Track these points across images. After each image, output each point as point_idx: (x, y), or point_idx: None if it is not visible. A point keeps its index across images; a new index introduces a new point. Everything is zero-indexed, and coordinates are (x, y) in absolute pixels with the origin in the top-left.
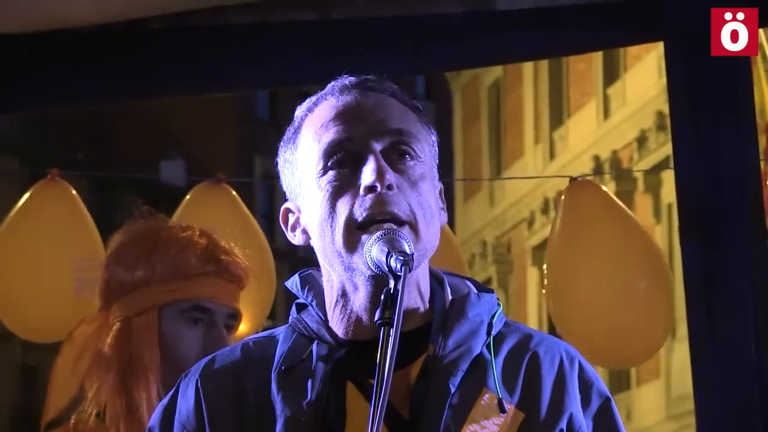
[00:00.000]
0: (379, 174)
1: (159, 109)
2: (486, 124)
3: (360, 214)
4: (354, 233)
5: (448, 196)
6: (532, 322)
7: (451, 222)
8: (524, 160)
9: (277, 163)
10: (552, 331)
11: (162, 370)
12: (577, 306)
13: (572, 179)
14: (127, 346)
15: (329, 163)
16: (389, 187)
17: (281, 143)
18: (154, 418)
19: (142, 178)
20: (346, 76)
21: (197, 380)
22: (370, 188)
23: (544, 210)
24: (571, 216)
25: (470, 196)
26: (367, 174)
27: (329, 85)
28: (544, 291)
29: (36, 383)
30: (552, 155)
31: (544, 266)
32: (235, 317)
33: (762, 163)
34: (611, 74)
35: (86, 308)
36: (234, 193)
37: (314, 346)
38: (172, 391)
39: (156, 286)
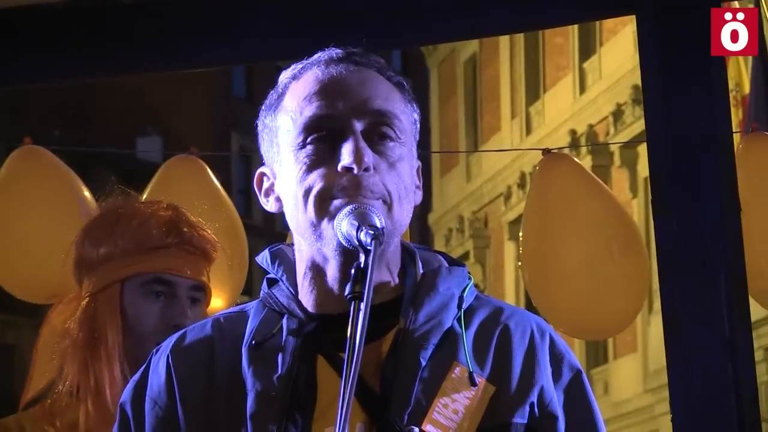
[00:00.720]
0: (357, 155)
1: (135, 86)
2: (462, 100)
3: (335, 192)
4: (326, 203)
5: (425, 172)
6: (510, 297)
7: (428, 197)
8: (501, 135)
9: (256, 126)
10: (529, 305)
11: (124, 344)
12: (552, 278)
13: (546, 152)
14: (92, 323)
15: (309, 137)
16: (366, 169)
17: (263, 107)
18: (126, 394)
19: (119, 155)
20: (333, 47)
21: (168, 356)
22: (348, 168)
23: (521, 185)
24: (545, 188)
25: (447, 171)
26: (346, 154)
27: (316, 55)
28: (520, 263)
29: (14, 361)
30: (528, 130)
31: (520, 238)
32: (200, 290)
33: (737, 136)
34: (587, 49)
35: None
36: (206, 167)
37: (284, 320)
38: (143, 367)
39: (118, 261)
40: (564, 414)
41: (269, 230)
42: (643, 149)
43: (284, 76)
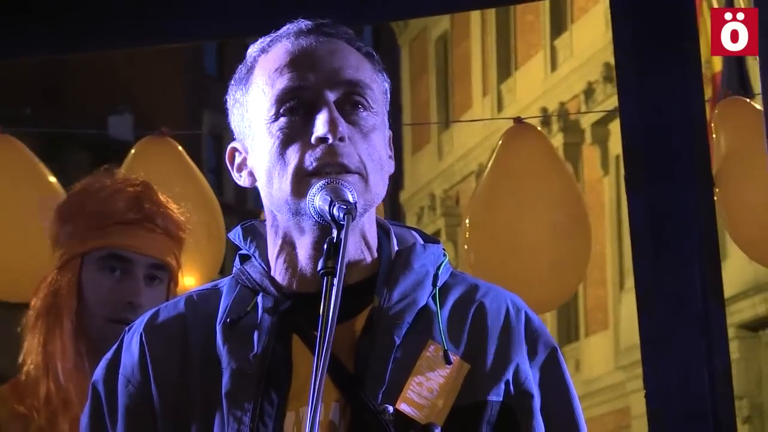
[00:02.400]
0: (332, 125)
1: (107, 63)
2: (434, 77)
3: (310, 164)
4: (303, 180)
5: (397, 149)
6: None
7: (399, 175)
8: (472, 113)
9: (226, 101)
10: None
11: (79, 319)
12: (495, 247)
13: (517, 120)
14: (53, 297)
15: (281, 110)
16: (341, 139)
17: (232, 81)
18: (98, 373)
19: (91, 134)
20: (300, 20)
21: (141, 334)
22: (322, 139)
23: None
24: (507, 157)
25: (418, 149)
26: (320, 125)
27: (284, 28)
28: (467, 235)
29: None
30: (500, 107)
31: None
32: (161, 268)
33: (708, 114)
34: (558, 26)
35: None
36: (179, 147)
37: (259, 298)
38: (115, 345)
39: (80, 236)
40: (540, 391)
41: (241, 208)
42: (614, 127)
43: (253, 50)
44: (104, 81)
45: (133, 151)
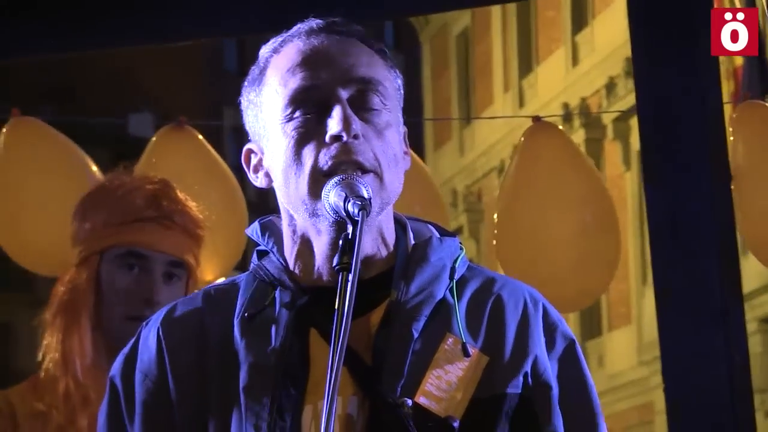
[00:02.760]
0: (346, 123)
1: (126, 62)
2: (455, 74)
3: (325, 163)
4: (319, 180)
5: (419, 146)
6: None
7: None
8: (494, 109)
9: (240, 102)
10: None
11: (97, 316)
12: (522, 247)
13: (536, 119)
14: (72, 294)
15: (295, 110)
16: (355, 137)
17: (245, 83)
18: (115, 367)
19: (110, 132)
20: (312, 18)
21: (158, 328)
22: (336, 137)
23: None
24: (528, 156)
25: (440, 145)
26: (334, 123)
27: (295, 27)
28: (495, 231)
29: (9, 339)
30: (521, 103)
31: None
32: (179, 266)
33: (728, 107)
34: (579, 21)
35: None
36: (199, 135)
37: (277, 292)
38: (133, 340)
39: (99, 233)
40: (558, 383)
41: (263, 206)
42: (635, 122)
43: (265, 50)
44: (124, 80)
45: (152, 141)
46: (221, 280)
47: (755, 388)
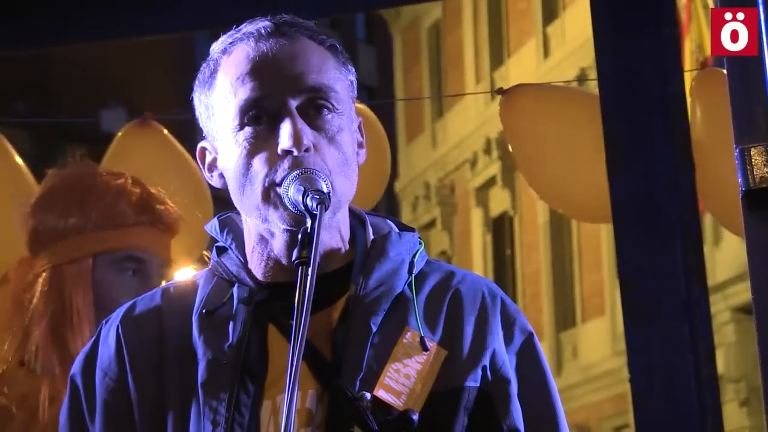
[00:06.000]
0: (296, 138)
1: (97, 58)
2: (427, 66)
3: (277, 175)
4: (272, 189)
5: (391, 139)
6: (477, 263)
7: (394, 165)
8: (465, 101)
9: (192, 99)
10: (498, 270)
11: (95, 319)
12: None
13: (500, 90)
14: (60, 295)
15: (245, 119)
16: (306, 150)
17: (197, 81)
18: (76, 366)
19: (83, 128)
20: (260, 18)
21: (118, 326)
22: (287, 152)
23: (487, 150)
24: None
25: (412, 138)
26: (285, 137)
27: (245, 27)
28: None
29: None
30: (493, 95)
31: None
32: (167, 266)
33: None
34: (550, 12)
35: None
36: (164, 129)
37: (235, 289)
38: (93, 338)
39: (90, 235)
40: (517, 377)
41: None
42: None
43: (214, 49)
44: (95, 76)
45: (118, 136)
46: (181, 276)
47: (729, 378)
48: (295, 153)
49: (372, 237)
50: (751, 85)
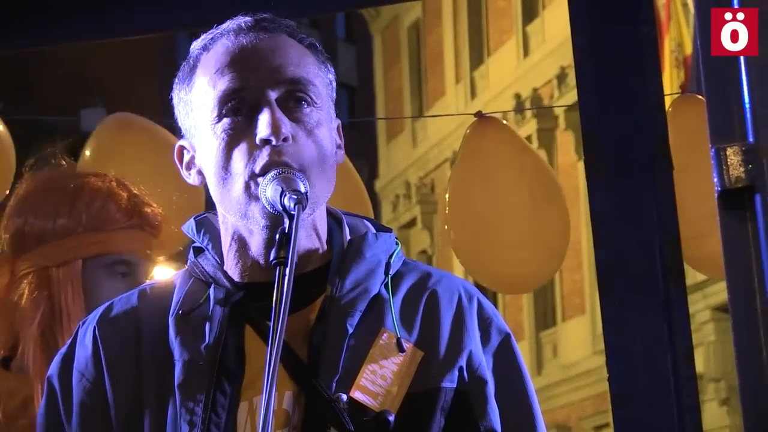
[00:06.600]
0: (274, 127)
1: (78, 56)
2: (407, 65)
3: (256, 165)
4: (250, 181)
5: (371, 139)
6: (458, 262)
7: (374, 164)
8: (446, 100)
9: (171, 98)
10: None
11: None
12: (475, 234)
13: (478, 115)
14: (49, 297)
15: (224, 111)
16: (285, 139)
17: (176, 79)
18: (53, 367)
19: (63, 126)
20: (241, 15)
21: (95, 328)
22: (266, 141)
23: None
24: (474, 150)
25: (393, 137)
26: (263, 127)
27: (225, 25)
28: (446, 226)
29: None
30: (473, 94)
31: (446, 196)
32: (152, 268)
33: (676, 97)
34: (530, 12)
35: None
36: (147, 120)
37: (211, 290)
38: (70, 340)
39: (81, 238)
40: (494, 378)
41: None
42: None
43: (195, 47)
44: (76, 74)
45: (93, 133)
46: (159, 275)
47: (709, 377)
48: (274, 142)
49: (349, 237)
50: (727, 85)
